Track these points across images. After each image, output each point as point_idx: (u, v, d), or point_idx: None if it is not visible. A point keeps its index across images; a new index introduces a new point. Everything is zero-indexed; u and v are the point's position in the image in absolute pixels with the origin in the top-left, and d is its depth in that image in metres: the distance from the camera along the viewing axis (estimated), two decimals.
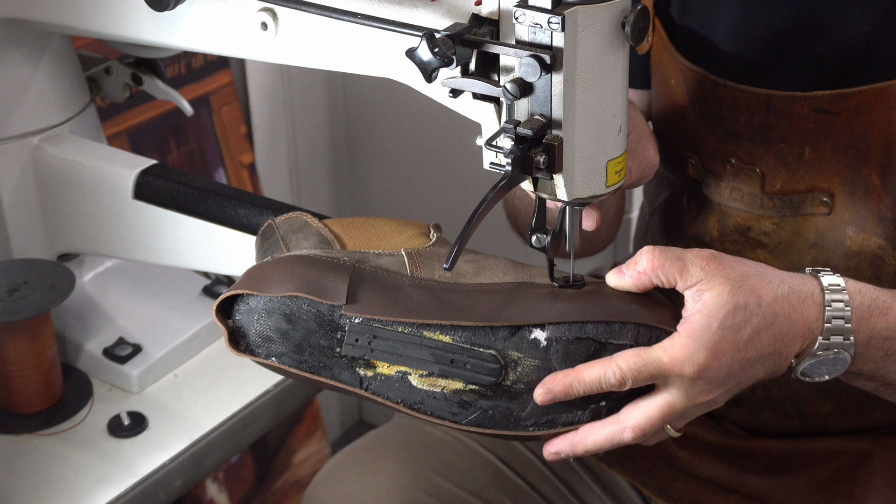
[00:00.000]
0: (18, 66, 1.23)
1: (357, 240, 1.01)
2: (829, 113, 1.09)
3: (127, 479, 1.13)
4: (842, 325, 0.93)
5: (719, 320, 0.91)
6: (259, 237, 1.07)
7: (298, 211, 1.07)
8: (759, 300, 0.92)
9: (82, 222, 1.26)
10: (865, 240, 1.12)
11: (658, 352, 0.91)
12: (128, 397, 1.24)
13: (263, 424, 1.26)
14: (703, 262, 0.92)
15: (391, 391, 0.94)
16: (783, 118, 1.11)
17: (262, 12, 1.03)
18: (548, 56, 0.85)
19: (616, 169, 0.93)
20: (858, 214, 1.11)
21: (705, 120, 1.17)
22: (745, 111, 1.13)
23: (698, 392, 0.92)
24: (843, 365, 0.95)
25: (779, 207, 1.15)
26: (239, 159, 2.01)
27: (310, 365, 0.95)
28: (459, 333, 0.93)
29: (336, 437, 2.38)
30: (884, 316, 0.95)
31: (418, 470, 1.23)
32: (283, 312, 0.94)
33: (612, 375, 0.91)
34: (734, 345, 0.91)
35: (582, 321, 0.93)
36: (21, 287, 1.17)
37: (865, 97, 1.07)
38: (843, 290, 0.94)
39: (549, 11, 0.85)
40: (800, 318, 0.93)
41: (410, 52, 0.88)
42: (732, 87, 1.13)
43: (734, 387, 0.94)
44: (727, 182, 1.17)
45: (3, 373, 1.18)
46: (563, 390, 0.92)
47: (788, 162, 1.13)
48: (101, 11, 1.13)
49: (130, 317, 1.30)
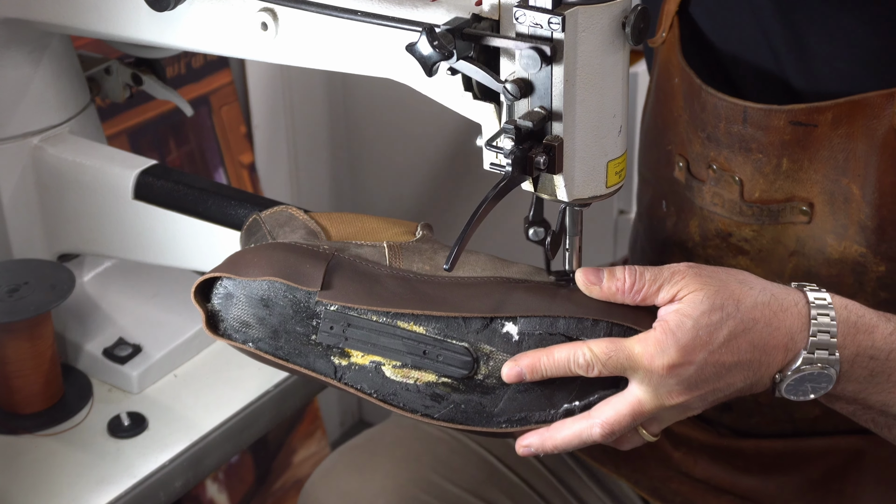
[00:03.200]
0: (19, 66, 1.23)
1: (343, 232, 1.01)
2: (806, 125, 1.08)
3: (127, 480, 1.13)
4: (827, 339, 0.92)
5: (694, 319, 0.90)
6: (244, 232, 1.07)
7: (283, 205, 1.07)
8: (737, 304, 0.91)
9: (82, 222, 1.26)
10: (847, 248, 1.11)
11: (631, 342, 0.91)
12: (128, 398, 1.24)
13: (263, 424, 1.26)
14: (682, 269, 0.92)
15: (365, 381, 0.95)
16: (760, 129, 1.11)
17: (263, 12, 1.03)
18: (548, 48, 0.85)
19: (616, 169, 0.93)
20: (839, 223, 1.11)
21: (693, 123, 1.17)
22: (724, 119, 1.13)
23: (668, 392, 0.91)
24: (829, 382, 0.93)
25: (758, 215, 1.14)
26: (239, 159, 2.01)
27: (286, 351, 0.95)
28: (433, 324, 0.93)
29: (336, 437, 2.38)
30: (870, 334, 0.93)
31: (414, 468, 1.23)
32: (260, 297, 0.95)
33: (581, 356, 0.90)
34: (708, 345, 0.90)
35: (553, 316, 0.93)
36: (21, 287, 1.17)
37: (842, 109, 1.07)
38: (829, 305, 0.93)
39: (549, 12, 0.85)
40: (781, 326, 0.92)
41: (411, 47, 0.88)
42: (713, 95, 1.13)
43: (709, 393, 0.92)
44: (709, 187, 1.17)
45: (3, 373, 1.18)
46: (529, 364, 0.91)
47: (766, 172, 1.12)
48: (102, 11, 1.13)
49: (130, 317, 1.30)
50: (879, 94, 1.05)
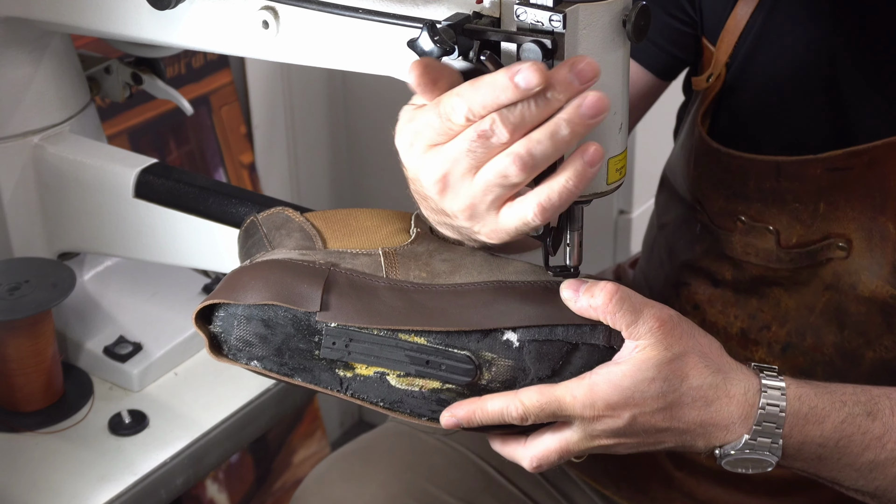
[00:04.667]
0: (19, 65, 1.23)
1: (338, 234, 1.01)
2: (843, 170, 1.08)
3: (128, 477, 1.14)
4: (772, 429, 0.91)
5: (634, 382, 0.89)
6: (242, 233, 1.07)
7: (280, 206, 1.07)
8: (682, 380, 0.90)
9: (83, 221, 1.26)
10: (878, 287, 1.11)
11: (561, 391, 0.90)
12: (128, 395, 1.24)
13: (264, 423, 1.26)
14: (655, 324, 0.90)
15: (371, 391, 0.95)
16: (795, 181, 1.10)
17: (264, 10, 1.03)
18: (549, 41, 0.85)
19: (617, 167, 0.93)
20: (875, 261, 1.10)
21: (710, 183, 1.16)
22: (754, 177, 1.12)
23: (596, 435, 0.91)
24: (768, 466, 0.93)
25: (796, 259, 1.13)
26: (239, 159, 2.01)
27: (291, 367, 0.96)
28: (434, 335, 0.93)
29: (336, 437, 2.38)
30: (819, 424, 0.93)
31: (409, 477, 1.21)
32: (261, 318, 0.95)
33: (514, 410, 0.90)
34: (640, 406, 0.89)
35: (551, 325, 0.93)
36: (22, 286, 1.17)
37: (879, 152, 1.06)
38: (781, 396, 0.92)
39: (550, 9, 0.85)
40: (722, 410, 0.91)
41: (412, 43, 0.88)
42: (739, 157, 1.12)
43: (638, 443, 0.92)
44: (739, 238, 1.16)
45: (4, 371, 1.18)
46: (465, 416, 0.91)
47: (803, 218, 1.11)
48: (102, 10, 1.13)
49: (131, 315, 1.30)
50: None
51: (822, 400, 0.93)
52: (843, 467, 0.95)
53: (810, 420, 0.93)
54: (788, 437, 0.92)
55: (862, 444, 0.94)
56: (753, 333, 1.19)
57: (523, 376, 0.93)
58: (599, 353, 0.93)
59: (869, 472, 0.95)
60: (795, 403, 0.92)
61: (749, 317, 1.19)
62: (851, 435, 0.93)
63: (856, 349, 1.14)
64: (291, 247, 1.00)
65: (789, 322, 1.17)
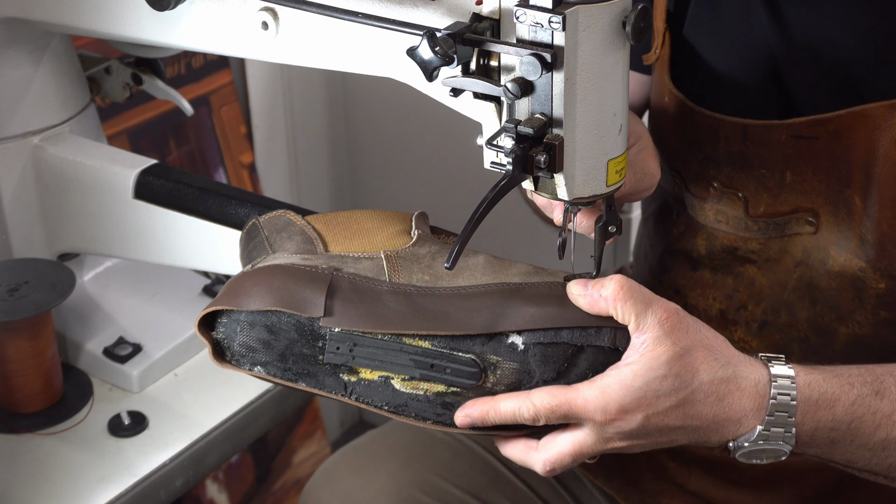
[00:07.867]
0: (19, 65, 1.23)
1: (340, 237, 1.01)
2: (808, 138, 1.08)
3: (127, 479, 1.14)
4: (785, 418, 0.92)
5: (646, 381, 0.89)
6: (244, 236, 1.07)
7: (282, 209, 1.07)
8: (693, 376, 0.90)
9: (82, 222, 1.26)
10: (848, 261, 1.11)
11: (573, 394, 0.90)
12: (128, 397, 1.24)
13: (263, 424, 1.26)
14: (663, 315, 0.91)
15: (375, 395, 0.95)
16: (761, 146, 1.11)
17: (263, 12, 1.03)
18: (549, 55, 0.85)
19: (617, 168, 0.93)
20: (842, 235, 1.11)
21: (687, 144, 1.17)
22: (723, 139, 1.13)
23: (609, 438, 0.91)
24: (783, 455, 0.94)
25: (764, 229, 1.14)
26: (239, 159, 2.01)
27: (294, 373, 0.96)
28: (438, 339, 0.93)
29: (336, 437, 2.38)
30: (830, 408, 0.93)
31: (416, 470, 1.23)
32: (264, 324, 0.95)
33: (525, 411, 0.91)
34: (652, 406, 0.90)
35: (556, 327, 0.93)
36: (21, 286, 1.17)
37: (843, 121, 1.06)
38: (791, 385, 0.92)
39: (549, 11, 0.85)
40: (735, 403, 0.91)
41: (411, 51, 0.88)
42: (710, 116, 1.13)
43: (651, 443, 0.93)
44: (711, 205, 1.17)
45: (4, 372, 1.18)
46: (480, 416, 0.92)
47: (770, 186, 1.12)
48: (102, 11, 1.13)
49: (131, 316, 1.30)
50: (881, 105, 1.04)
51: (831, 384, 0.94)
52: (856, 449, 0.95)
53: (821, 405, 0.93)
54: (801, 425, 0.93)
55: (873, 423, 0.94)
56: (731, 313, 1.20)
57: (528, 379, 0.93)
58: (604, 355, 0.93)
59: (882, 451, 0.95)
60: (806, 391, 0.93)
61: (726, 297, 1.20)
62: (862, 416, 0.94)
63: (829, 324, 1.15)
64: (293, 250, 1.00)
65: (764, 300, 1.18)
